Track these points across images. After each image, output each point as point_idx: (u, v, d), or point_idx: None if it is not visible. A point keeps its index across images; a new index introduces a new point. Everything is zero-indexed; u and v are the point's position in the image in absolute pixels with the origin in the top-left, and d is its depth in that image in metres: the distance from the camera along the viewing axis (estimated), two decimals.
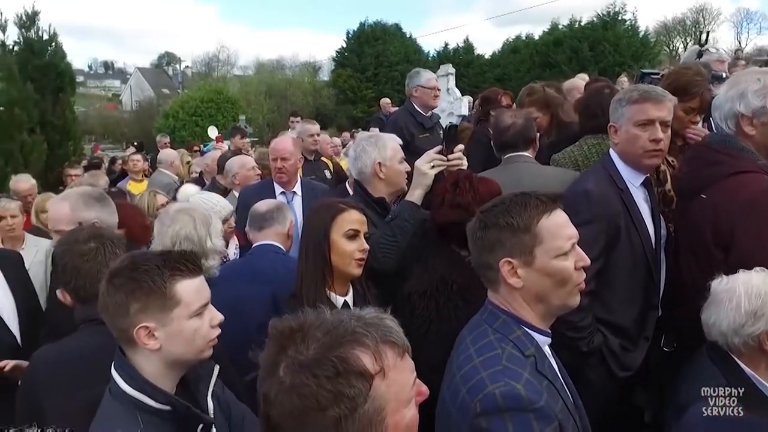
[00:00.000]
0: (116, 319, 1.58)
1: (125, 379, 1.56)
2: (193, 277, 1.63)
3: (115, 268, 1.63)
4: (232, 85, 36.99)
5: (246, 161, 5.03)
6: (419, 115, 4.85)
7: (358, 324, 1.08)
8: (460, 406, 1.54)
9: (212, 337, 1.67)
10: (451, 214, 2.47)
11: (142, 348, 1.57)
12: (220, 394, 1.80)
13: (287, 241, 3.06)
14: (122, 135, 36.26)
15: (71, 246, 2.07)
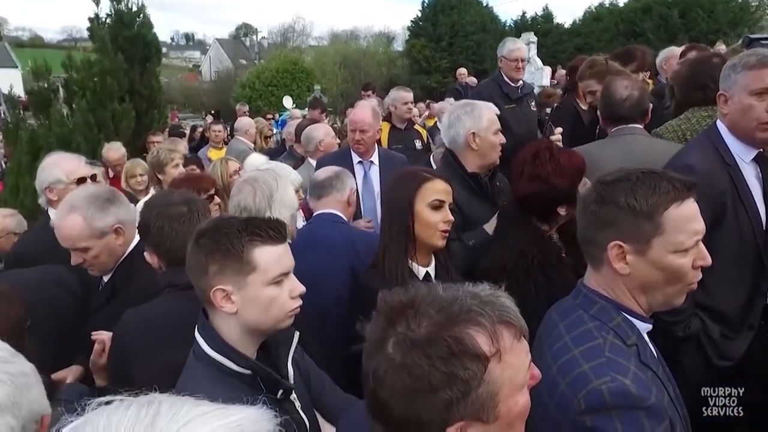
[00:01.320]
0: (197, 279, 1.61)
1: (208, 342, 1.58)
2: (274, 244, 1.61)
3: (202, 228, 1.65)
4: (307, 56, 37.42)
5: (329, 130, 5.03)
6: (506, 85, 4.67)
7: (474, 302, 1.01)
8: (559, 401, 1.44)
9: (291, 308, 1.64)
10: (530, 186, 2.37)
11: (220, 311, 1.58)
12: (300, 360, 1.80)
13: (347, 209, 2.99)
14: (201, 104, 37.50)
15: (164, 209, 2.09)
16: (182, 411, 0.68)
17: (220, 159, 4.39)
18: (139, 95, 7.85)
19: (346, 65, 36.18)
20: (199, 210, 2.14)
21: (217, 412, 0.68)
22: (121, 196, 2.54)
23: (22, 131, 7.55)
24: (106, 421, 0.66)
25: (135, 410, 0.67)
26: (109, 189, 2.58)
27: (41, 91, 7.97)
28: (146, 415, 0.67)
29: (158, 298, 2.09)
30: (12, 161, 8.39)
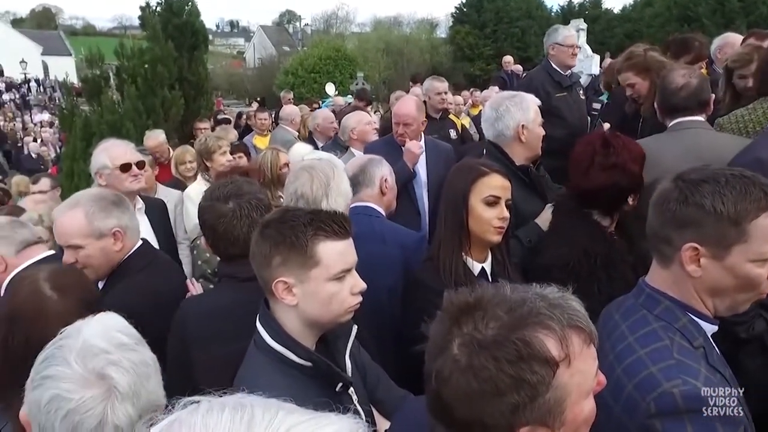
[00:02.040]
0: (261, 269, 1.61)
1: (269, 333, 1.58)
2: (338, 239, 1.59)
3: (268, 219, 1.65)
4: (349, 43, 37.42)
5: (362, 117, 4.99)
6: (557, 73, 4.54)
7: (543, 304, 0.98)
8: (625, 404, 1.39)
9: (351, 304, 1.63)
10: (604, 176, 2.25)
11: (281, 302, 1.58)
12: (356, 354, 1.79)
13: (382, 199, 2.90)
14: (245, 91, 38.00)
15: (212, 205, 2.09)
16: (277, 418, 0.66)
17: (270, 149, 4.38)
18: (187, 82, 8.02)
19: (388, 52, 36.04)
20: (246, 207, 2.13)
21: (312, 422, 0.67)
22: (127, 202, 2.50)
23: (76, 117, 7.80)
24: (202, 424, 0.65)
25: (230, 414, 0.66)
26: (116, 193, 2.54)
27: (94, 78, 8.22)
28: (241, 420, 0.66)
29: (217, 287, 2.12)
30: (67, 147, 8.69)
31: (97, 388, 1.18)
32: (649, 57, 3.69)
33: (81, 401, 1.15)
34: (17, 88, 40.61)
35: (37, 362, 1.22)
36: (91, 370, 1.19)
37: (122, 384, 1.20)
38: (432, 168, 4.09)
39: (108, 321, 1.32)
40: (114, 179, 3.21)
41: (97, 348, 1.22)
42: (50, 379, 1.18)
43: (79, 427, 1.15)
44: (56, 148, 16.64)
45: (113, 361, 1.21)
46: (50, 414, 1.15)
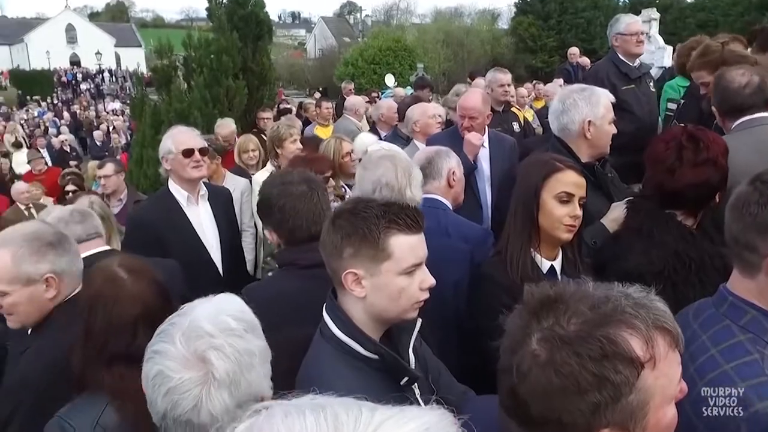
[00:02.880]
0: (331, 259, 1.60)
1: (336, 323, 1.58)
2: (410, 233, 1.57)
3: (340, 209, 1.65)
4: (410, 34, 37.26)
5: (427, 108, 4.92)
6: (623, 64, 4.34)
7: (628, 303, 0.95)
8: (709, 422, 1.32)
9: (419, 299, 1.60)
10: (694, 173, 2.10)
11: (349, 293, 1.57)
12: (418, 347, 1.77)
13: (449, 192, 2.85)
14: (306, 81, 38.51)
15: (286, 188, 2.10)
16: (363, 417, 0.64)
17: (334, 137, 4.40)
18: (251, 72, 8.14)
19: (448, 43, 35.69)
20: (318, 189, 2.14)
21: (398, 417, 0.65)
22: (69, 242, 2.14)
23: (146, 106, 8.10)
24: (286, 429, 0.63)
25: (313, 418, 0.64)
26: (58, 232, 2.14)
27: (163, 68, 8.50)
28: (326, 421, 0.64)
29: (278, 274, 2.14)
30: (137, 134, 9.04)
31: (195, 371, 1.18)
32: (727, 53, 3.44)
33: (180, 381, 1.17)
34: (92, 78, 42.67)
35: (155, 333, 1.26)
36: (192, 352, 1.19)
37: (220, 370, 1.19)
38: (495, 161, 4.02)
39: (223, 303, 1.33)
40: (177, 164, 3.28)
41: (202, 330, 1.22)
42: (158, 355, 1.21)
43: (177, 407, 1.17)
44: (126, 135, 17.34)
45: (216, 345, 1.21)
46: (155, 388, 1.19)
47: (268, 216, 2.14)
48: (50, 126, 21.11)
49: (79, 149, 17.00)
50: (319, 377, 1.52)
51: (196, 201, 3.39)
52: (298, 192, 2.10)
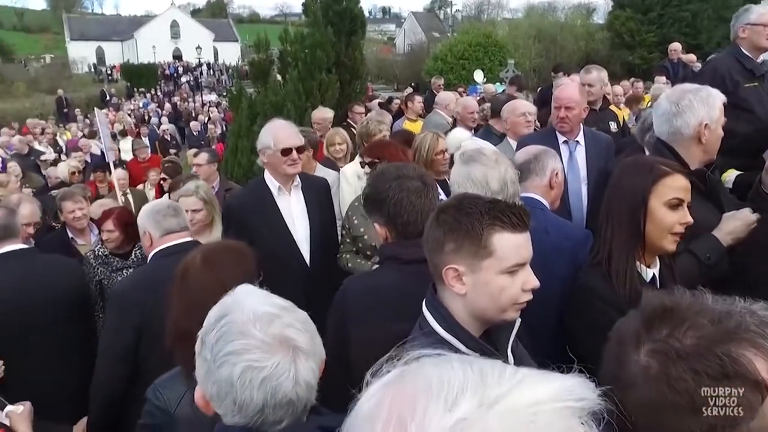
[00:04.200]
0: (432, 254, 1.59)
1: (437, 319, 1.56)
2: (515, 231, 1.53)
3: (445, 204, 1.64)
4: (500, 29, 36.54)
5: (516, 106, 4.79)
6: (748, 60, 3.98)
7: (753, 321, 0.87)
8: None
9: (521, 301, 1.56)
10: None
11: (449, 289, 1.56)
12: (515, 349, 1.72)
13: (549, 192, 2.76)
14: (394, 76, 38.68)
15: (402, 182, 2.08)
16: (507, 371, 0.66)
17: (431, 133, 4.35)
18: (343, 66, 8.27)
19: (540, 39, 34.70)
20: (432, 186, 2.13)
21: (541, 376, 0.65)
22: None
23: (243, 98, 8.42)
24: (437, 374, 0.66)
25: (460, 367, 0.66)
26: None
27: (260, 62, 8.80)
28: (472, 371, 0.65)
29: (380, 268, 2.15)
30: (233, 125, 9.44)
31: (282, 352, 1.20)
32: None
33: (273, 367, 1.18)
34: (192, 72, 44.97)
35: (208, 344, 1.24)
36: (273, 336, 1.21)
37: (303, 342, 1.23)
38: (591, 160, 3.85)
39: (254, 292, 1.34)
40: (274, 160, 3.37)
41: (270, 314, 1.25)
42: (234, 355, 1.19)
43: (278, 392, 1.18)
44: (222, 126, 18.15)
45: (288, 323, 1.24)
46: (245, 386, 1.18)
47: (379, 209, 2.12)
48: (153, 116, 22.43)
49: (178, 138, 17.96)
50: None
51: (288, 191, 3.47)
52: (414, 187, 2.08)
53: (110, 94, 33.18)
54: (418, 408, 0.62)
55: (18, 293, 3.11)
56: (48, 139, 14.42)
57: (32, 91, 31.49)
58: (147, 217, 2.93)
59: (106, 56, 58.25)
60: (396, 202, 2.06)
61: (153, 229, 2.88)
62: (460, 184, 2.48)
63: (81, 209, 4.63)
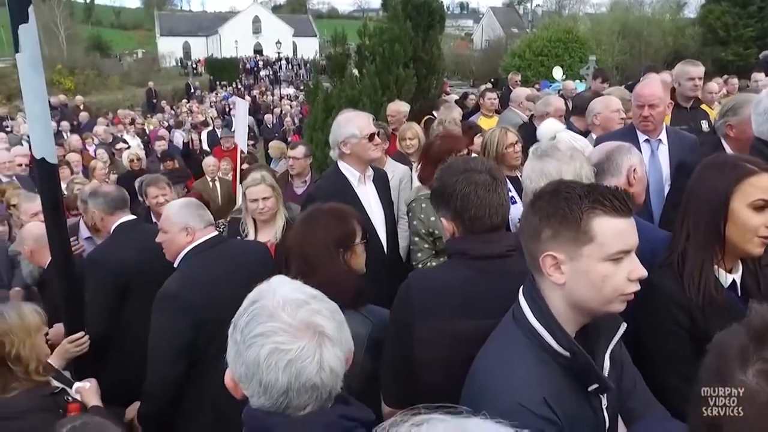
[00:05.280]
0: (529, 242, 1.53)
1: (533, 311, 1.50)
2: (617, 216, 1.44)
3: (541, 191, 1.56)
4: (582, 24, 35.31)
5: (610, 102, 4.61)
6: None
7: None
8: None
9: (627, 291, 1.45)
10: None
11: (547, 279, 1.49)
12: (617, 352, 1.62)
13: (628, 191, 2.62)
14: (470, 72, 38.24)
15: (470, 176, 2.04)
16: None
17: (499, 127, 4.31)
18: (420, 61, 8.26)
19: (625, 34, 33.25)
20: (500, 179, 2.07)
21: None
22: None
23: (319, 92, 8.58)
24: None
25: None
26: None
27: (337, 56, 8.93)
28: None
29: (447, 263, 2.11)
30: (309, 117, 9.63)
31: (308, 337, 1.23)
32: None
33: (299, 350, 1.21)
34: (271, 66, 46.25)
35: (239, 326, 1.28)
36: (300, 321, 1.24)
37: (329, 330, 1.26)
38: (675, 161, 3.65)
39: (288, 281, 1.37)
40: (360, 148, 3.43)
41: (299, 300, 1.28)
42: (262, 336, 1.23)
43: (302, 375, 1.21)
44: (296, 119, 18.57)
45: (316, 310, 1.27)
46: (271, 367, 1.21)
47: (447, 203, 2.06)
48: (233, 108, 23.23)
49: (255, 130, 18.52)
50: (502, 362, 1.47)
51: (364, 182, 3.53)
52: (482, 181, 2.02)
53: (195, 87, 34.61)
54: None
55: (141, 258, 3.42)
56: (136, 129, 15.22)
57: (125, 84, 33.35)
58: (186, 213, 2.98)
59: (192, 51, 60.90)
60: (463, 196, 2.00)
61: (196, 223, 2.95)
62: (533, 180, 2.41)
63: (164, 195, 4.86)
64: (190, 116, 19.16)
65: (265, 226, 3.88)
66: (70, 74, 28.51)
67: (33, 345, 2.32)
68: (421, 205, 3.50)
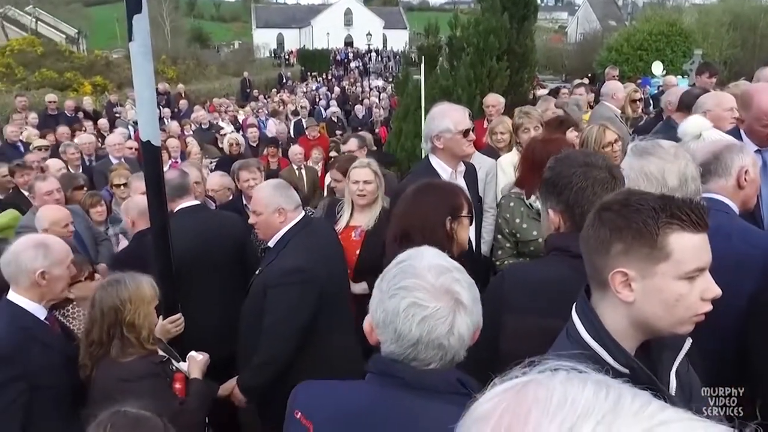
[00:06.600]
0: (594, 255, 1.45)
1: (586, 326, 1.44)
2: (694, 231, 1.36)
3: (607, 200, 1.48)
4: (688, 16, 33.20)
5: (724, 99, 4.29)
6: None
7: None
8: None
9: (699, 312, 1.38)
10: None
11: (612, 295, 1.41)
12: (683, 373, 1.53)
13: (737, 194, 2.45)
14: (563, 66, 37.02)
15: (589, 170, 1.97)
16: (649, 408, 0.59)
17: (599, 125, 4.14)
18: (513, 54, 8.08)
19: (736, 26, 30.92)
20: (620, 179, 1.98)
21: (689, 423, 0.58)
22: None
23: (409, 83, 8.59)
24: (562, 390, 0.61)
25: (593, 388, 0.61)
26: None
27: (429, 47, 8.90)
28: (606, 398, 0.60)
29: (546, 259, 2.07)
30: (398, 109, 9.68)
31: (445, 300, 1.34)
32: None
33: (435, 309, 1.33)
34: (361, 58, 46.84)
35: (387, 278, 1.42)
36: (440, 284, 1.36)
37: (466, 299, 1.37)
38: None
39: (436, 251, 1.50)
40: (454, 143, 3.36)
41: (443, 267, 1.40)
42: (405, 290, 1.35)
43: (433, 332, 1.33)
44: (385, 110, 18.71)
45: (456, 279, 1.39)
46: (408, 319, 1.33)
47: (559, 195, 2.00)
48: (322, 98, 23.72)
49: (344, 121, 18.84)
50: None
51: (456, 177, 3.48)
52: (600, 177, 1.94)
53: (286, 78, 35.64)
54: (530, 422, 0.58)
55: (199, 239, 3.66)
56: (230, 117, 15.88)
57: (221, 74, 34.85)
58: (278, 194, 3.10)
59: (285, 42, 62.68)
60: (579, 189, 1.93)
61: (287, 204, 3.08)
62: (632, 179, 2.27)
63: (255, 179, 5.08)
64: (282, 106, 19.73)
65: (362, 211, 3.92)
66: (172, 64, 30.17)
67: (147, 314, 2.49)
68: (510, 204, 3.43)
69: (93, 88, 21.90)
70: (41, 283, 2.56)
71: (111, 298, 2.44)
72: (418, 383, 1.35)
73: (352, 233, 3.86)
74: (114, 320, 2.42)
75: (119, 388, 2.31)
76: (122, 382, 2.34)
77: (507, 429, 0.59)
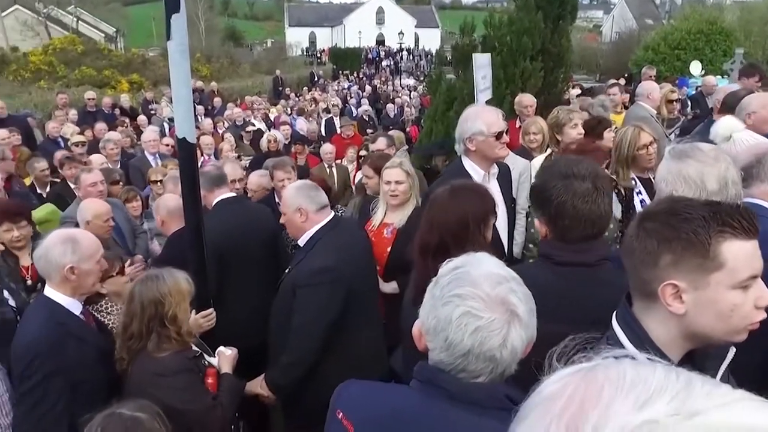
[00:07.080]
0: (641, 267, 1.39)
1: (629, 337, 1.41)
2: (746, 239, 1.32)
3: (651, 210, 1.44)
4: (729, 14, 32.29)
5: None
6: None
7: None
8: None
9: (753, 320, 1.35)
10: None
11: (660, 307, 1.37)
12: (726, 382, 1.51)
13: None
14: (597, 66, 36.40)
15: (570, 182, 1.95)
16: (720, 390, 0.59)
17: (633, 126, 4.07)
18: (547, 54, 7.95)
19: None
20: (605, 189, 1.96)
21: (761, 404, 0.58)
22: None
23: (442, 82, 8.55)
24: (634, 372, 0.62)
25: (663, 371, 0.62)
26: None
27: (463, 47, 8.84)
28: (677, 380, 0.60)
29: (534, 264, 2.10)
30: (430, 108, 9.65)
31: (500, 311, 1.29)
32: None
33: (489, 320, 1.28)
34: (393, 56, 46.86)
35: (440, 283, 1.36)
36: (496, 294, 1.30)
37: (521, 311, 1.30)
38: None
39: (493, 259, 1.43)
40: (486, 146, 3.31)
41: (501, 276, 1.34)
42: (459, 298, 1.30)
43: (485, 343, 1.27)
44: (415, 109, 18.67)
45: (513, 289, 1.33)
46: (460, 328, 1.28)
47: (543, 207, 2.01)
48: (354, 97, 23.78)
49: (375, 119, 18.86)
50: None
51: (488, 180, 3.44)
52: (581, 190, 1.92)
53: (318, 76, 35.87)
54: (604, 397, 0.59)
55: (238, 231, 3.75)
56: (261, 114, 16.05)
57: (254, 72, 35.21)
58: (300, 195, 3.11)
59: (317, 41, 63.08)
60: (559, 204, 1.93)
61: (309, 205, 3.08)
62: (669, 183, 2.24)
63: (289, 178, 5.16)
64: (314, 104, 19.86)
65: (395, 210, 3.93)
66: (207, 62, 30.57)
67: (186, 309, 2.54)
68: None
69: (130, 85, 22.34)
70: (71, 278, 2.59)
71: (151, 292, 2.48)
72: (463, 397, 1.30)
73: (384, 231, 3.88)
74: (154, 314, 2.46)
75: (155, 383, 2.36)
76: (157, 377, 2.39)
77: (579, 405, 0.59)
